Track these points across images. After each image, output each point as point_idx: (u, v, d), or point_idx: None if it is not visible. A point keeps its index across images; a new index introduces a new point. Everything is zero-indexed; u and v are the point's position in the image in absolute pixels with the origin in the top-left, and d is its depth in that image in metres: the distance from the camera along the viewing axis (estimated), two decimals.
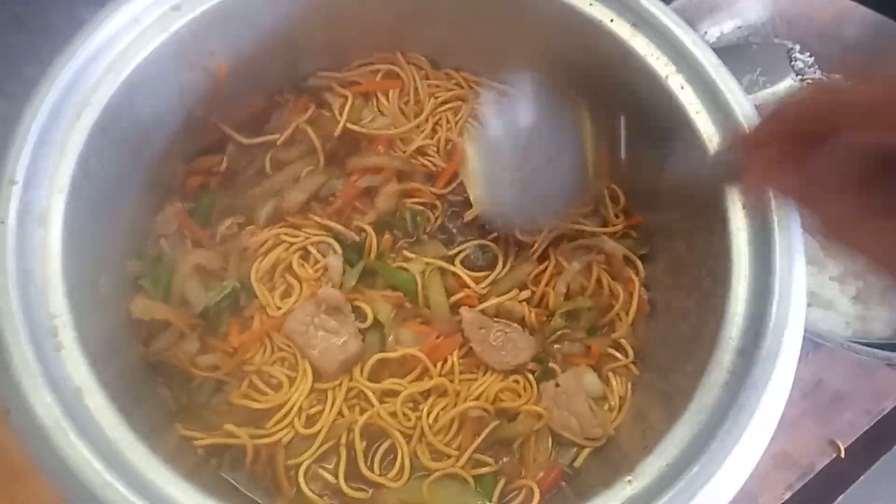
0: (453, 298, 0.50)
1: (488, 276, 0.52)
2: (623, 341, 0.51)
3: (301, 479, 0.45)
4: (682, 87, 0.44)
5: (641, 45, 0.46)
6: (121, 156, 0.45)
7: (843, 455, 0.64)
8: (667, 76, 0.45)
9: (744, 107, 0.42)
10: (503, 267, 0.52)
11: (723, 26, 0.81)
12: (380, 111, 0.57)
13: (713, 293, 0.41)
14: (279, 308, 0.49)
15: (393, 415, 0.47)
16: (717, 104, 0.43)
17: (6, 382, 0.35)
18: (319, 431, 0.47)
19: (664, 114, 0.45)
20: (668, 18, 0.45)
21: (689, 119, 0.44)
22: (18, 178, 0.38)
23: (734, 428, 0.35)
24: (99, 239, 0.44)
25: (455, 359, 0.49)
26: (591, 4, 0.47)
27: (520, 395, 0.49)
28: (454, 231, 0.53)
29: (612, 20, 0.46)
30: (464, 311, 0.49)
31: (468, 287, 0.51)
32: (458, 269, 0.51)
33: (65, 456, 0.33)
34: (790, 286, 0.38)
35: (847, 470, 0.65)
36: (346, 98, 0.56)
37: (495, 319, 0.49)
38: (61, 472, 0.34)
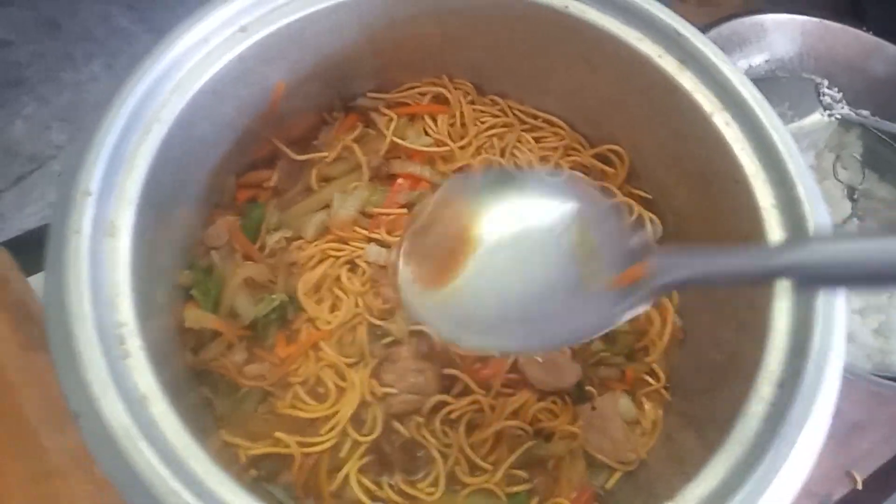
0: None
1: None
2: (656, 366, 0.52)
3: (354, 483, 0.47)
4: (727, 124, 0.46)
5: (688, 82, 0.47)
6: (181, 169, 0.47)
7: (860, 486, 0.65)
8: (712, 113, 0.46)
9: (790, 148, 0.44)
10: None
11: (751, 59, 0.83)
12: (425, 132, 0.58)
13: (752, 324, 0.43)
14: (329, 322, 0.50)
15: (433, 432, 0.49)
16: (762, 143, 0.45)
17: (77, 388, 0.36)
18: (363, 442, 0.48)
19: (708, 150, 0.47)
20: (715, 56, 0.47)
21: (734, 157, 0.45)
22: (93, 189, 0.40)
23: (776, 459, 0.36)
24: (158, 249, 0.45)
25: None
26: (640, 40, 0.48)
27: (556, 416, 0.50)
28: None
29: (660, 56, 0.48)
30: None
31: None
32: None
33: (133, 463, 0.35)
34: (832, 320, 0.40)
35: (865, 501, 0.65)
36: (391, 118, 0.57)
37: None
38: (129, 479, 0.35)
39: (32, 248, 0.67)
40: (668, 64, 0.48)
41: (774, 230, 0.43)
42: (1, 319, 0.56)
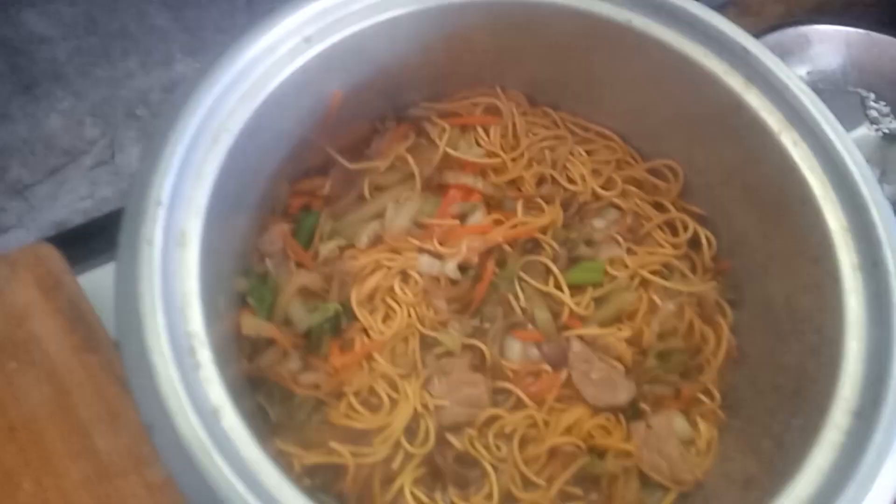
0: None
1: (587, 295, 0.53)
2: (710, 385, 0.52)
3: (408, 495, 0.47)
4: (795, 144, 0.45)
5: (755, 100, 0.47)
6: (244, 177, 0.47)
7: None
8: (780, 132, 0.46)
9: (863, 169, 0.43)
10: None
11: (795, 71, 0.82)
12: (477, 143, 0.58)
13: (821, 349, 0.42)
14: (382, 333, 0.50)
15: (486, 446, 0.49)
16: (833, 164, 0.44)
17: (151, 400, 0.36)
18: (416, 454, 0.48)
19: (774, 170, 0.46)
20: (783, 74, 0.46)
21: (802, 177, 0.45)
22: (164, 200, 0.40)
23: (858, 491, 0.36)
24: (221, 257, 0.45)
25: None
26: (706, 56, 0.48)
27: (610, 433, 0.50)
28: None
29: (726, 73, 0.47)
30: (575, 341, 0.50)
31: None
32: (552, 290, 0.53)
33: (209, 476, 0.35)
34: None
35: None
36: (444, 128, 0.57)
37: (599, 357, 0.50)
38: (203, 492, 0.35)
39: (77, 244, 0.68)
40: (734, 81, 0.47)
41: (846, 254, 0.42)
42: (55, 321, 0.56)
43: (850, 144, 0.44)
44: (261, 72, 0.45)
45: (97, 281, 0.60)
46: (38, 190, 0.80)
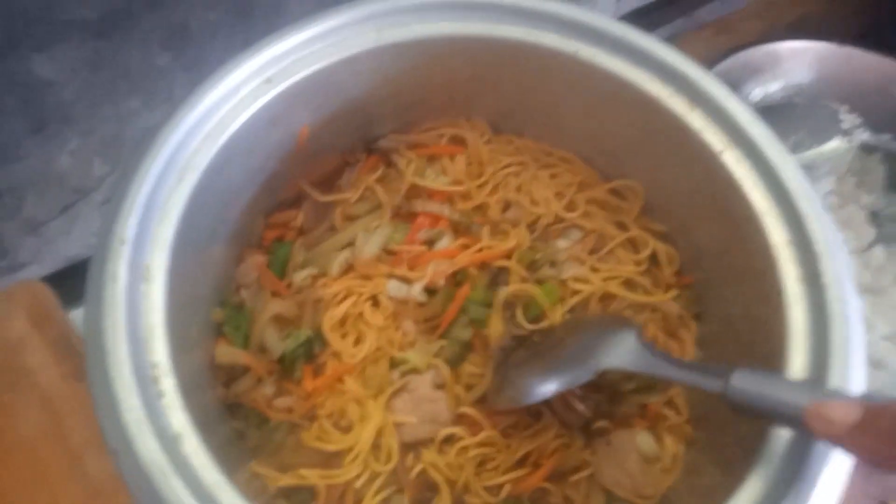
0: None
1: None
2: (677, 400, 0.53)
3: None
4: (737, 162, 0.47)
5: (698, 121, 0.48)
6: (214, 212, 0.49)
7: None
8: (722, 151, 0.47)
9: (802, 184, 0.44)
10: None
11: (767, 87, 0.84)
12: (443, 171, 0.60)
13: (770, 359, 0.43)
14: (353, 356, 0.52)
15: (448, 465, 0.50)
16: (773, 180, 0.45)
17: (115, 428, 0.38)
18: (382, 472, 0.50)
19: (720, 188, 0.48)
20: (723, 96, 0.48)
21: (744, 194, 0.46)
22: (128, 237, 0.42)
23: (798, 498, 0.37)
24: (192, 290, 0.48)
25: None
26: (650, 81, 0.49)
27: (569, 447, 0.51)
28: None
29: (669, 96, 0.49)
30: None
31: None
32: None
33: (167, 499, 0.36)
34: (847, 356, 0.40)
35: None
36: (410, 159, 0.60)
37: None
38: None
39: (75, 280, 0.71)
40: (677, 105, 0.49)
41: (789, 267, 0.43)
42: (46, 353, 0.59)
43: (789, 160, 0.45)
44: (224, 112, 0.47)
45: None
46: (51, 226, 0.83)
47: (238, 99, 0.48)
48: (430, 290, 0.55)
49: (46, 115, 0.92)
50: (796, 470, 0.38)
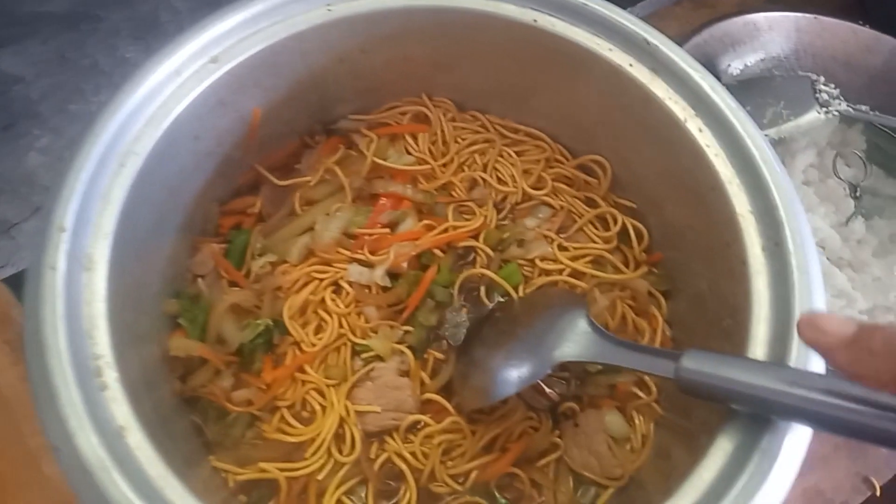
0: None
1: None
2: (647, 378, 0.51)
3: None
4: (700, 131, 0.45)
5: (661, 90, 0.47)
6: (161, 200, 0.47)
7: (878, 493, 0.63)
8: (685, 119, 0.46)
9: (764, 153, 0.43)
10: None
11: (746, 59, 0.82)
12: (407, 151, 0.58)
13: (735, 333, 0.42)
14: (314, 344, 0.51)
15: (413, 454, 0.49)
16: (736, 149, 0.44)
17: (55, 422, 0.36)
18: (344, 462, 0.48)
19: (685, 158, 0.46)
20: (685, 63, 0.46)
21: (709, 163, 0.44)
22: (67, 225, 0.40)
23: (756, 472, 0.35)
24: (140, 280, 0.46)
25: None
26: (611, 50, 0.48)
27: (536, 430, 0.50)
28: None
29: (631, 65, 0.48)
30: None
31: None
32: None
33: (108, 495, 0.35)
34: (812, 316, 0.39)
35: None
36: (372, 139, 0.58)
37: None
38: None
39: None
40: (639, 73, 0.47)
41: (752, 237, 0.42)
42: (1, 354, 0.57)
43: (752, 129, 0.44)
44: (167, 94, 0.45)
45: None
46: (24, 227, 0.81)
47: (182, 81, 0.46)
48: (394, 275, 0.54)
49: (15, 112, 0.90)
50: (755, 446, 0.37)
